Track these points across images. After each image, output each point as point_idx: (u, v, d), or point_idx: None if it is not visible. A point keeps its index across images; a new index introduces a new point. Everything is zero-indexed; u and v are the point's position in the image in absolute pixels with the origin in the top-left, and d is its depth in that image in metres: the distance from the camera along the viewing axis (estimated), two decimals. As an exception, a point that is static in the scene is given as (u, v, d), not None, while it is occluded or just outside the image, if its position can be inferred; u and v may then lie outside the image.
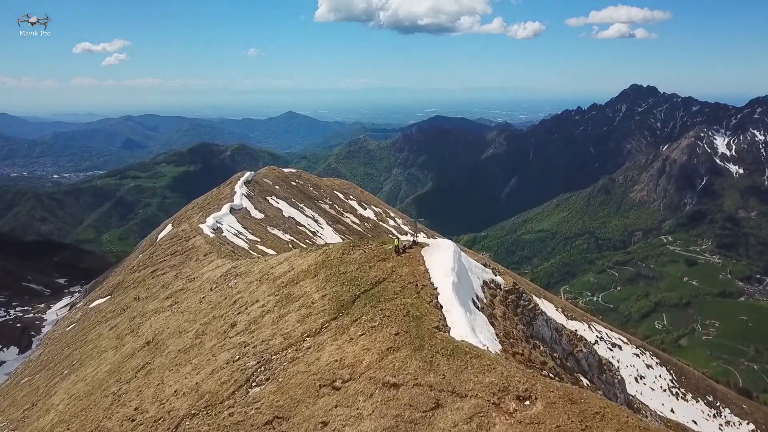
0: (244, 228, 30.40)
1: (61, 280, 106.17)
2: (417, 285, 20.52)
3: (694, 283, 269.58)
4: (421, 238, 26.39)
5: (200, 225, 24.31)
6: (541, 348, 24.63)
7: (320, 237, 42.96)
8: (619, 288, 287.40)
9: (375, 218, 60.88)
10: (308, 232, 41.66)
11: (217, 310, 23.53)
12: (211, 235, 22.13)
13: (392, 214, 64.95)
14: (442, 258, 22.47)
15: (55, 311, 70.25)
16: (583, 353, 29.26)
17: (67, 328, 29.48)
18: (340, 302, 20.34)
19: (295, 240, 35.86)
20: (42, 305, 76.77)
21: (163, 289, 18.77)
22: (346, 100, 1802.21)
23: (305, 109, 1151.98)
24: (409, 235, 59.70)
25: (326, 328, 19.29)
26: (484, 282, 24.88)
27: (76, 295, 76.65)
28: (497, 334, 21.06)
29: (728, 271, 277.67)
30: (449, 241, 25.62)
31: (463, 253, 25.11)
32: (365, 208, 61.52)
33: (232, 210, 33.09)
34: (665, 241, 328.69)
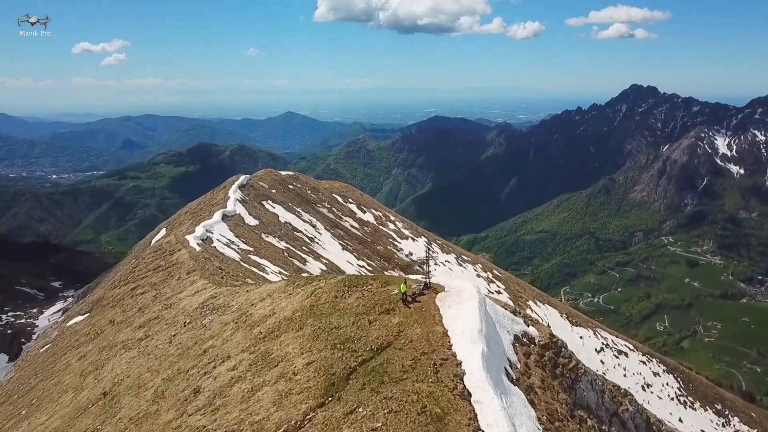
0: (237, 237, 28.78)
1: (56, 284, 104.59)
2: (434, 358, 15.87)
3: (695, 284, 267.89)
4: (433, 275, 21.43)
5: (186, 236, 22.60)
6: (589, 422, 20.62)
7: (318, 243, 41.39)
8: (620, 289, 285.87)
9: (375, 222, 59.33)
10: (305, 239, 40.07)
11: (184, 360, 19.86)
12: (197, 249, 20.46)
13: (392, 218, 63.37)
14: (465, 313, 18.01)
15: (47, 317, 68.69)
16: (629, 413, 25.22)
17: (41, 350, 27.82)
18: (330, 377, 15.62)
19: (291, 247, 34.24)
20: (35, 310, 75.22)
21: (138, 314, 16.94)
22: (345, 100, 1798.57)
23: (305, 109, 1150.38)
24: (416, 259, 58.04)
25: (309, 420, 14.43)
26: (515, 337, 20.63)
27: (69, 300, 75.07)
28: (540, 419, 16.97)
29: (730, 272, 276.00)
30: (470, 285, 20.84)
31: (488, 300, 20.86)
32: (365, 212, 59.96)
33: (224, 217, 31.41)
34: (666, 242, 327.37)
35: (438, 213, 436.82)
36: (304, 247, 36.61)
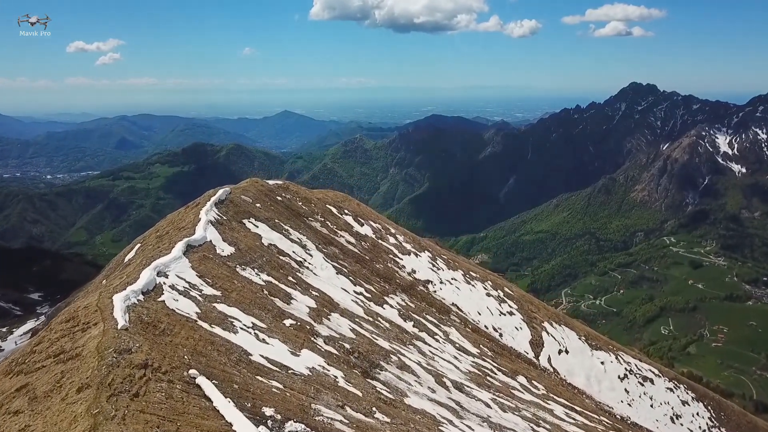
0: (201, 276, 22.93)
1: (35, 295, 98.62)
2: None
3: (699, 286, 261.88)
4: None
5: (114, 297, 16.59)
6: None
7: (308, 268, 35.69)
8: (622, 291, 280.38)
9: (373, 236, 53.67)
10: (293, 264, 34.31)
11: None
12: (121, 323, 14.64)
13: (393, 230, 57.66)
14: None
15: (15, 339, 62.85)
16: None
17: None
18: None
19: (273, 280, 28.49)
20: (4, 329, 69.22)
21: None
22: (342, 99, 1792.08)
23: (301, 108, 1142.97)
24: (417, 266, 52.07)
25: None
26: None
27: (42, 318, 69.15)
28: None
29: (734, 273, 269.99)
30: None
31: None
32: (362, 224, 54.26)
33: (188, 248, 25.42)
34: (668, 242, 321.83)
35: (436, 213, 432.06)
36: (290, 277, 30.87)
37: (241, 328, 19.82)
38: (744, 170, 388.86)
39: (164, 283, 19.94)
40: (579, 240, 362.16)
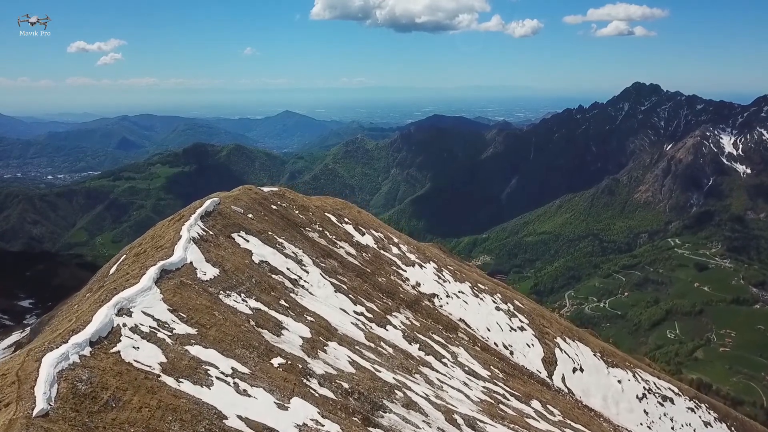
0: (174, 310, 19.70)
1: (27, 302, 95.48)
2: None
3: (705, 289, 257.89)
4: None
5: (45, 357, 13.23)
6: None
7: (303, 287, 32.48)
8: (626, 294, 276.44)
9: (375, 246, 50.48)
10: (286, 283, 31.08)
11: None
12: (40, 405, 11.41)
13: (395, 240, 54.45)
14: None
15: (-1, 353, 59.55)
16: None
17: None
18: None
19: (262, 307, 25.27)
20: (-10, 341, 65.92)
21: None
22: (343, 99, 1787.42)
23: (302, 108, 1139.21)
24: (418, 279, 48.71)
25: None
26: None
27: (27, 330, 65.89)
28: None
29: (741, 276, 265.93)
30: None
31: None
32: (363, 234, 51.05)
33: (162, 274, 22.19)
34: (672, 244, 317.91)
35: (437, 214, 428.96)
36: (282, 300, 27.68)
37: (218, 378, 16.71)
38: (749, 171, 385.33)
39: (124, 325, 16.75)
40: (582, 241, 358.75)
